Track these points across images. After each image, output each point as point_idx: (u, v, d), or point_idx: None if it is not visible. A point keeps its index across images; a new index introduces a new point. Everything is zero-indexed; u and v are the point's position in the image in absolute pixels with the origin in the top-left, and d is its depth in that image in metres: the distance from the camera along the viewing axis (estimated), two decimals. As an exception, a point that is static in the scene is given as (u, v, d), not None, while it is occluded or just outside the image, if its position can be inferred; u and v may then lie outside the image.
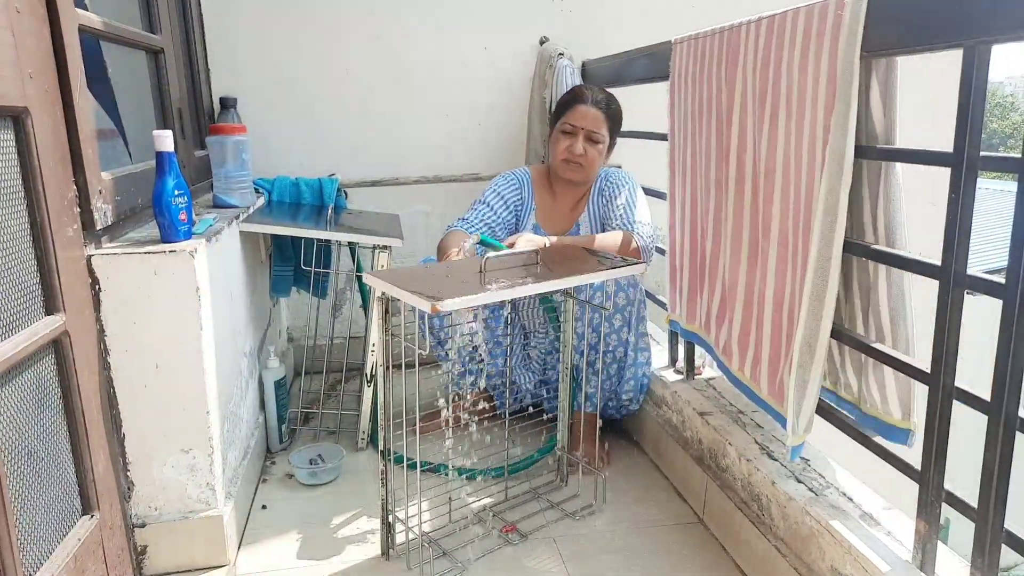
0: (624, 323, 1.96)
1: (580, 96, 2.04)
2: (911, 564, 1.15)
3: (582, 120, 2.01)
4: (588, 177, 2.08)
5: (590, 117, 2.01)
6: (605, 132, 2.03)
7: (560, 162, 2.05)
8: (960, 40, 0.96)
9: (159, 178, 1.49)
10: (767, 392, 1.48)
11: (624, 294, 1.95)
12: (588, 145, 2.01)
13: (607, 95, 2.07)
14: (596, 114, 2.01)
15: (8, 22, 1.14)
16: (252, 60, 2.60)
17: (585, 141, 2.01)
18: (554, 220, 2.15)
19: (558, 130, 2.06)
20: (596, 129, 2.01)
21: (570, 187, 2.12)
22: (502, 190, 2.14)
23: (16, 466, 1.11)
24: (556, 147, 2.05)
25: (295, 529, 1.77)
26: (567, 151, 2.02)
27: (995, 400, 0.97)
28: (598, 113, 2.01)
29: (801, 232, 1.31)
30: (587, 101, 2.02)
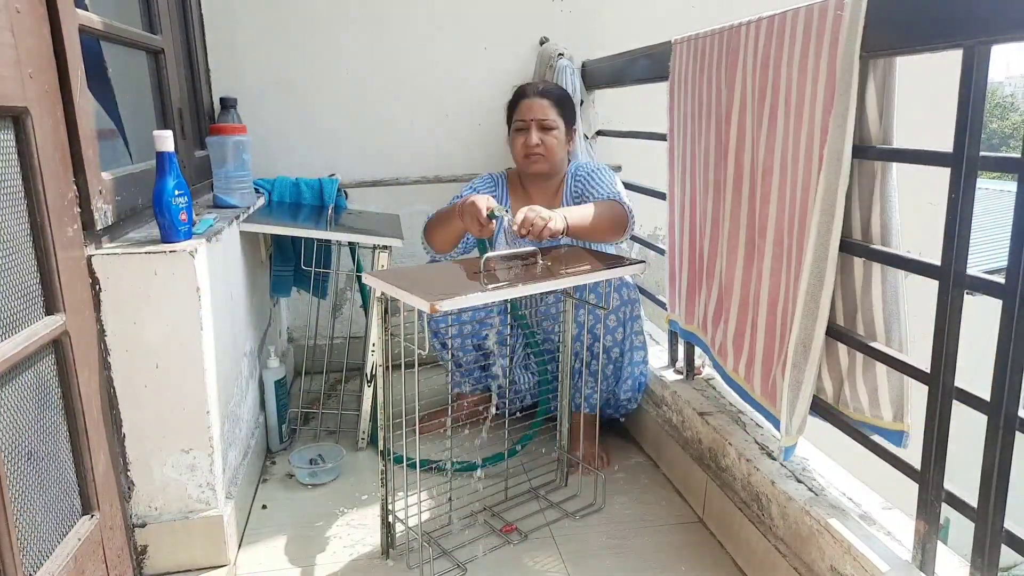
0: (619, 323, 1.96)
1: (522, 91, 2.09)
2: (911, 564, 1.15)
3: (528, 112, 2.04)
4: (554, 166, 2.09)
5: (536, 107, 2.04)
6: (555, 116, 2.05)
7: (521, 159, 2.07)
8: (960, 40, 0.96)
9: (159, 178, 1.49)
10: (760, 392, 1.48)
11: (618, 294, 1.95)
12: (542, 134, 2.03)
13: (552, 85, 2.11)
14: (541, 103, 2.04)
15: (8, 22, 1.14)
16: (252, 60, 2.60)
17: (538, 131, 2.03)
18: None
19: (512, 131, 2.09)
20: (545, 116, 2.03)
21: (541, 183, 2.13)
22: (478, 186, 2.17)
23: (16, 466, 1.11)
24: (515, 147, 2.09)
25: (295, 529, 1.77)
26: (524, 146, 2.04)
27: (995, 400, 0.97)
28: (543, 101, 2.04)
29: (797, 232, 1.31)
30: (530, 94, 2.06)
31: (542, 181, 2.12)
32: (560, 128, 2.06)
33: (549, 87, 2.10)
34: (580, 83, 2.59)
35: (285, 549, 1.69)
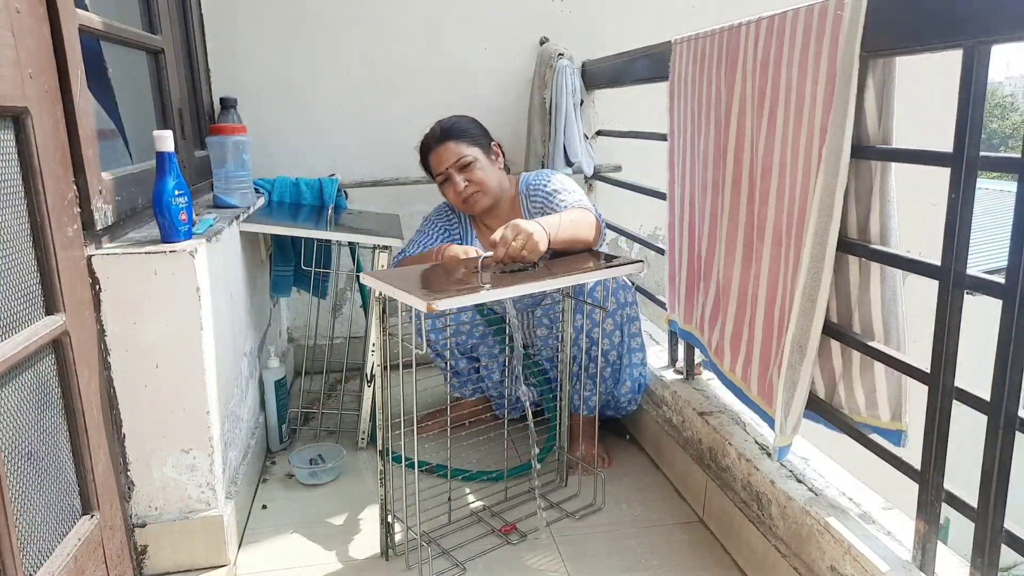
0: (616, 327, 1.94)
1: (425, 146, 2.03)
2: (911, 564, 1.15)
3: (440, 163, 1.99)
4: (495, 192, 2.02)
5: (443, 154, 1.98)
6: (467, 149, 1.98)
7: (462, 205, 2.02)
8: (960, 40, 0.96)
9: (159, 178, 1.49)
10: (756, 392, 1.48)
11: (614, 298, 1.93)
12: (465, 174, 1.98)
13: (450, 119, 2.04)
14: (445, 147, 1.98)
15: (8, 22, 1.14)
16: (252, 60, 2.60)
17: (459, 173, 1.98)
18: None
19: (439, 186, 2.04)
20: (456, 158, 1.97)
21: (494, 211, 2.07)
22: (432, 217, 2.14)
23: (16, 466, 1.11)
24: (450, 198, 2.04)
25: (295, 529, 1.77)
26: (456, 194, 2.00)
27: (995, 400, 0.97)
28: (447, 144, 1.98)
29: (794, 232, 1.31)
30: (432, 144, 2.01)
31: (494, 209, 2.07)
32: (478, 156, 1.99)
33: (445, 125, 2.02)
34: (580, 83, 2.59)
35: (285, 549, 1.69)
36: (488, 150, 2.04)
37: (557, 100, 2.53)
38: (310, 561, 1.64)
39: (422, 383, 2.63)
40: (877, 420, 1.28)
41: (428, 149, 2.02)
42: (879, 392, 1.27)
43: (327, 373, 2.63)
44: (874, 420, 1.28)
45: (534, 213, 2.04)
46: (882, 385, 1.26)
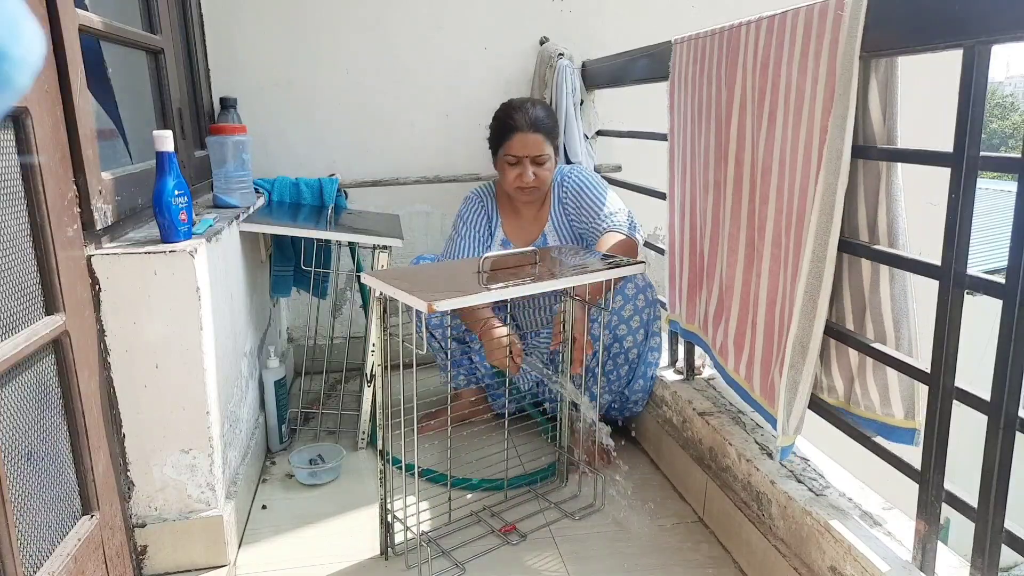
0: (641, 324, 1.97)
1: (513, 123, 2.01)
2: (911, 564, 1.15)
3: (523, 149, 1.99)
4: (547, 188, 2.09)
5: (531, 143, 1.99)
6: (549, 150, 2.02)
7: (514, 191, 2.05)
8: (960, 40, 0.96)
9: (159, 178, 1.49)
10: (759, 392, 1.48)
11: (643, 295, 1.97)
12: (536, 169, 2.00)
13: (540, 108, 2.03)
14: (536, 139, 1.99)
15: (8, 22, 1.14)
16: (252, 60, 2.60)
17: (533, 166, 2.00)
18: (521, 231, 2.16)
19: (502, 160, 2.04)
20: (539, 152, 2.00)
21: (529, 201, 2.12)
22: (468, 217, 2.14)
23: (16, 466, 1.11)
24: (505, 177, 2.05)
25: (295, 529, 1.77)
26: (519, 180, 2.01)
27: (995, 400, 0.97)
28: (537, 137, 1.99)
29: (795, 232, 1.31)
30: (523, 128, 1.99)
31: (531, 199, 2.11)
32: (552, 157, 2.04)
33: (539, 116, 2.02)
34: (580, 83, 2.59)
35: (285, 549, 1.69)
36: (557, 151, 2.08)
37: (557, 100, 2.53)
38: (310, 561, 1.64)
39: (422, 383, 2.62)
40: (892, 418, 1.28)
41: (514, 129, 2.00)
42: (892, 390, 1.27)
43: (327, 373, 2.63)
44: (888, 418, 1.28)
45: (568, 212, 2.09)
46: (895, 383, 1.26)
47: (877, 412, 1.30)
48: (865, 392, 1.32)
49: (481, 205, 2.17)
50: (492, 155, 2.12)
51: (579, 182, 2.07)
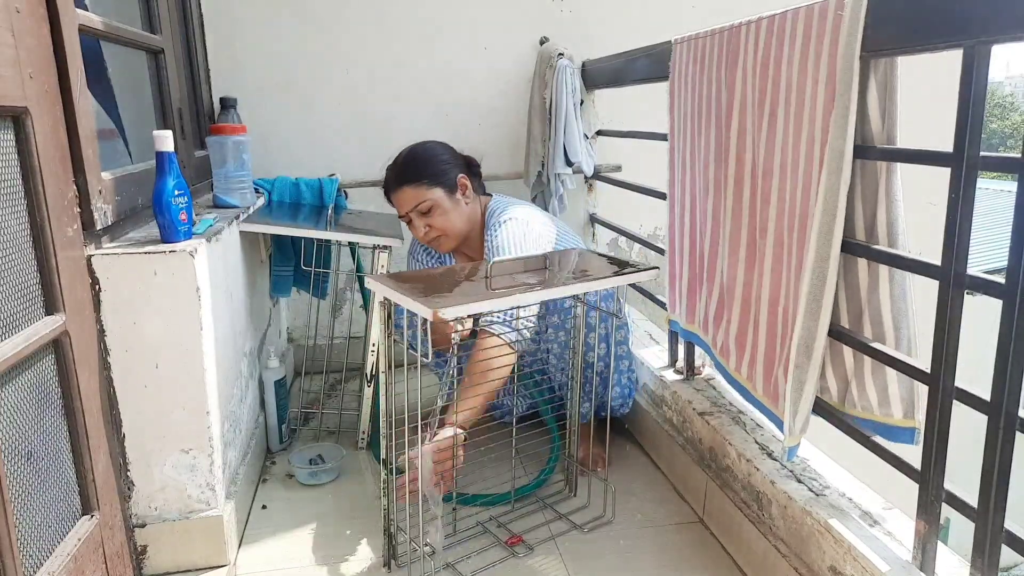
0: (601, 339, 1.93)
1: (385, 184, 2.00)
2: (911, 564, 1.15)
3: (400, 208, 1.98)
4: (462, 232, 2.00)
5: (401, 199, 1.96)
6: (426, 193, 1.92)
7: (430, 245, 2.04)
8: (960, 40, 0.96)
9: (159, 178, 1.49)
10: (762, 392, 1.48)
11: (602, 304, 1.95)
12: (426, 219, 1.95)
13: (404, 156, 1.97)
14: (403, 193, 1.94)
15: (8, 22, 1.14)
16: (252, 60, 2.60)
17: (420, 218, 1.95)
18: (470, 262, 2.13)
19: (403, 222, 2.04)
20: (416, 203, 1.93)
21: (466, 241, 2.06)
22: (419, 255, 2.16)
23: (16, 466, 1.11)
24: (416, 237, 2.04)
25: (295, 529, 1.77)
26: (419, 237, 2.01)
27: (995, 400, 0.97)
28: (403, 189, 1.94)
29: (797, 232, 1.31)
30: (390, 187, 1.98)
31: (467, 240, 2.06)
32: (439, 199, 1.93)
33: (404, 163, 1.96)
34: (580, 83, 2.59)
35: (285, 549, 1.69)
36: (452, 187, 1.95)
37: (557, 100, 2.53)
38: (310, 561, 1.64)
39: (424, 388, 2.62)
40: (890, 418, 1.28)
41: (388, 189, 2.00)
42: (891, 390, 1.27)
43: (327, 373, 2.63)
44: (887, 418, 1.28)
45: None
46: (894, 383, 1.26)
47: (875, 413, 1.30)
48: (862, 393, 1.32)
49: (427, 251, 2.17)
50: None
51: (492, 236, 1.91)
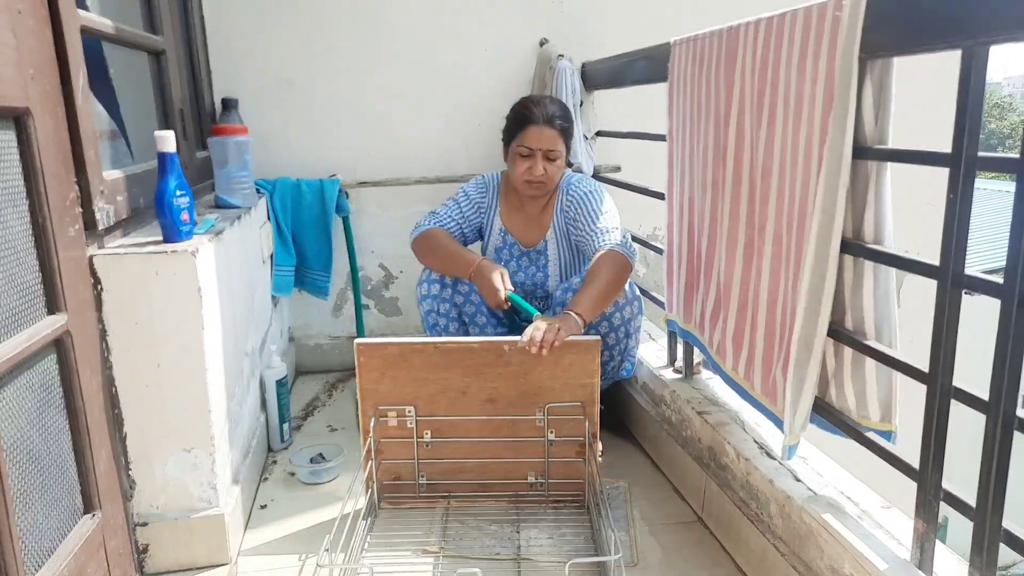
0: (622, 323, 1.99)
1: (530, 115, 2.01)
2: (909, 563, 1.15)
3: (536, 142, 2.00)
4: (553, 186, 2.11)
5: (545, 137, 1.99)
6: (562, 147, 2.03)
7: (522, 184, 2.06)
8: (959, 41, 0.97)
9: (161, 178, 1.50)
10: (760, 391, 1.48)
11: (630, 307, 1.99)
12: (547, 164, 2.01)
13: (557, 106, 2.05)
14: (551, 134, 2.00)
15: (10, 22, 1.14)
16: (253, 61, 2.60)
17: (544, 160, 2.01)
18: (523, 228, 2.18)
19: (514, 151, 2.04)
20: (552, 147, 2.00)
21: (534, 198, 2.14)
22: (471, 192, 2.20)
23: (18, 465, 1.12)
24: (514, 168, 2.05)
25: (296, 528, 1.77)
26: (528, 172, 2.02)
27: (993, 399, 0.98)
28: (552, 132, 2.00)
29: (796, 232, 1.31)
30: (539, 121, 2.00)
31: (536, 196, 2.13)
32: (563, 155, 2.05)
33: (555, 112, 2.03)
34: (580, 84, 2.59)
35: (286, 548, 1.69)
36: (569, 150, 2.09)
37: (557, 100, 2.53)
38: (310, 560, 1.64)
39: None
40: (867, 420, 1.28)
41: (531, 120, 2.01)
42: (869, 393, 1.27)
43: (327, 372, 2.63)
44: (864, 420, 1.29)
45: (568, 220, 2.10)
46: (872, 386, 1.26)
47: (852, 415, 1.30)
48: (840, 395, 1.32)
49: (483, 188, 2.20)
50: (504, 146, 2.12)
51: (583, 193, 2.06)
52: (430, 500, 1.81)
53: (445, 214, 2.14)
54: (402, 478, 1.80)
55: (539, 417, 1.73)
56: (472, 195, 2.19)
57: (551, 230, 2.14)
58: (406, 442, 1.76)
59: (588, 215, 2.03)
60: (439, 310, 2.09)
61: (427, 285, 2.08)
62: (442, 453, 1.77)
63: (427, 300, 2.08)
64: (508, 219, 2.18)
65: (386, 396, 1.73)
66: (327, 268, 2.67)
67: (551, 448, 1.75)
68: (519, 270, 2.17)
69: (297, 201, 2.57)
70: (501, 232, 2.18)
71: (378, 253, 2.80)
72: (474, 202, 2.19)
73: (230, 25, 2.57)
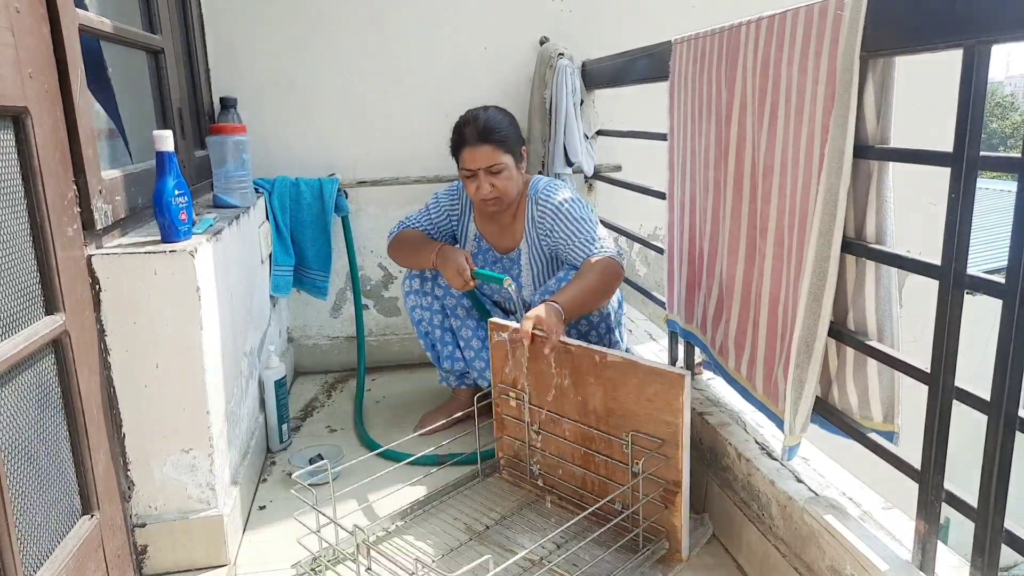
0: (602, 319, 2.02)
1: (461, 138, 1.98)
2: (911, 564, 1.15)
3: (472, 162, 1.97)
4: (513, 200, 2.06)
5: (480, 156, 1.96)
6: (504, 158, 1.97)
7: (478, 203, 2.05)
8: (960, 40, 0.96)
9: (159, 178, 1.49)
10: (762, 391, 1.48)
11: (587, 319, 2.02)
12: (492, 179, 1.98)
13: (491, 117, 1.99)
14: (485, 150, 1.95)
15: (8, 22, 1.14)
16: (252, 60, 2.60)
17: (488, 177, 1.98)
18: (496, 235, 2.17)
19: (462, 176, 2.03)
20: (492, 163, 1.97)
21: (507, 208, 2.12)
22: (441, 198, 2.21)
23: (16, 466, 1.11)
24: (468, 190, 2.03)
25: (295, 529, 1.76)
26: (476, 193, 2.00)
27: (995, 400, 0.97)
28: (487, 148, 1.95)
29: (797, 232, 1.31)
30: (471, 141, 1.96)
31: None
32: (509, 164, 1.99)
33: (488, 124, 1.97)
34: (580, 83, 2.59)
35: (285, 549, 1.69)
36: (519, 156, 2.04)
37: (557, 100, 2.53)
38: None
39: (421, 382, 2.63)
40: (870, 421, 1.28)
41: (463, 143, 1.99)
42: (871, 393, 1.27)
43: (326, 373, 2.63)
44: (867, 421, 1.28)
45: (541, 232, 2.06)
46: (875, 386, 1.26)
47: (855, 416, 1.30)
48: (843, 396, 1.32)
49: (455, 196, 2.21)
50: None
51: (556, 205, 2.00)
52: (540, 490, 1.84)
53: (415, 219, 2.19)
54: (519, 458, 1.87)
55: (625, 441, 1.61)
56: (442, 202, 2.20)
57: (524, 240, 2.11)
58: (521, 425, 1.84)
59: (569, 227, 1.97)
60: (422, 304, 2.15)
61: (408, 281, 2.16)
62: (547, 446, 1.81)
63: (410, 296, 2.16)
64: (482, 225, 2.18)
65: (507, 377, 1.84)
66: (326, 268, 2.67)
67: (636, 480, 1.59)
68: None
69: (296, 201, 2.57)
70: (476, 238, 2.18)
71: (377, 253, 2.80)
72: (443, 209, 2.19)
73: (229, 24, 2.56)
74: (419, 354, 2.58)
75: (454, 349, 2.21)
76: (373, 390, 2.61)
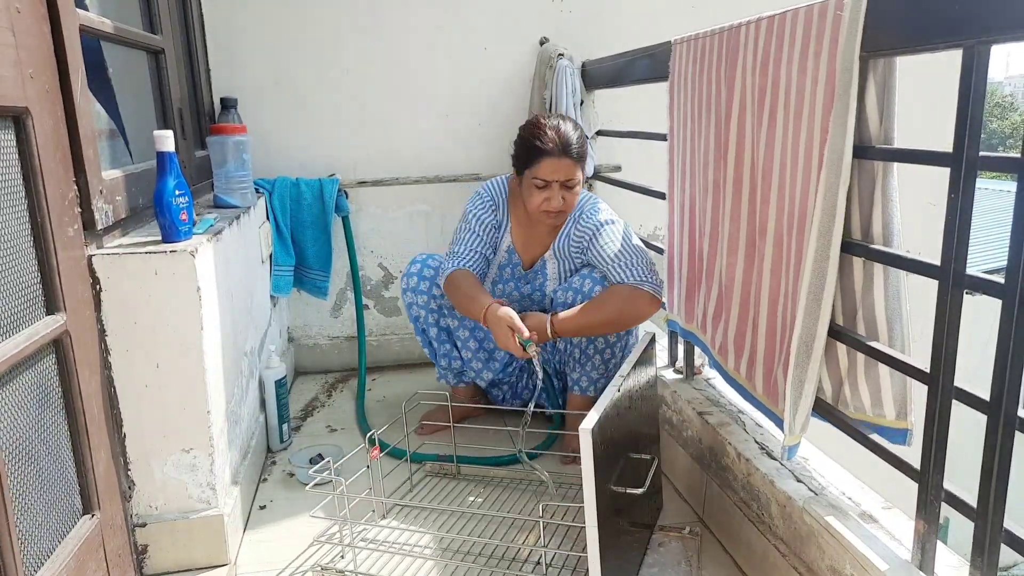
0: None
1: (544, 148, 1.88)
2: (910, 563, 1.15)
3: (553, 174, 1.89)
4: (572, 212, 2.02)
5: (559, 168, 1.88)
6: (579, 173, 1.93)
7: (538, 213, 1.96)
8: (960, 40, 0.97)
9: (160, 178, 1.49)
10: (762, 391, 1.48)
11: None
12: (565, 193, 1.92)
13: (571, 129, 1.93)
14: (567, 164, 1.89)
15: (9, 22, 1.14)
16: (253, 60, 2.60)
17: (562, 190, 1.91)
18: (527, 244, 2.12)
19: (528, 181, 1.93)
20: (570, 177, 1.90)
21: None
22: (480, 213, 2.08)
23: (17, 466, 1.12)
24: (530, 198, 1.94)
25: (295, 528, 1.77)
26: (546, 204, 1.93)
27: (994, 400, 0.97)
28: (569, 162, 1.89)
29: (797, 232, 1.31)
30: (555, 153, 1.88)
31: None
32: (581, 181, 1.96)
33: (570, 139, 1.90)
34: (580, 83, 2.59)
35: (285, 548, 1.69)
36: (583, 175, 1.99)
37: (557, 100, 2.53)
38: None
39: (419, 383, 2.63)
40: (883, 419, 1.28)
41: (545, 152, 1.89)
42: (884, 391, 1.27)
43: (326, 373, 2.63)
44: (880, 419, 1.28)
45: (574, 245, 2.04)
46: (887, 384, 1.26)
47: (867, 413, 1.30)
48: (855, 393, 1.32)
49: (492, 207, 2.10)
50: (515, 171, 2.02)
51: (597, 226, 1.99)
52: None
53: (466, 250, 2.04)
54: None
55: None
56: (485, 219, 2.08)
57: (551, 250, 2.08)
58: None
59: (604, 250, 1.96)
60: (419, 303, 2.16)
61: (406, 279, 2.16)
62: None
63: (407, 294, 2.17)
64: (516, 236, 2.11)
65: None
66: (326, 268, 2.67)
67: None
68: (515, 289, 2.16)
69: (296, 201, 2.57)
70: (508, 251, 2.12)
71: (377, 253, 2.80)
72: (488, 225, 2.08)
73: (229, 24, 2.56)
74: (419, 354, 2.59)
75: (451, 347, 2.21)
76: (374, 390, 2.62)
